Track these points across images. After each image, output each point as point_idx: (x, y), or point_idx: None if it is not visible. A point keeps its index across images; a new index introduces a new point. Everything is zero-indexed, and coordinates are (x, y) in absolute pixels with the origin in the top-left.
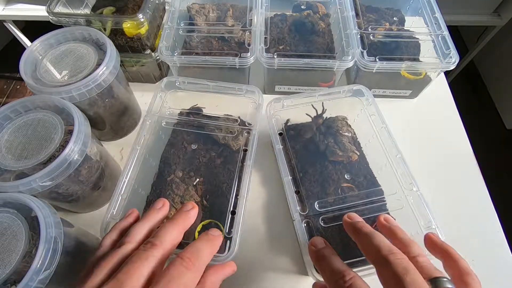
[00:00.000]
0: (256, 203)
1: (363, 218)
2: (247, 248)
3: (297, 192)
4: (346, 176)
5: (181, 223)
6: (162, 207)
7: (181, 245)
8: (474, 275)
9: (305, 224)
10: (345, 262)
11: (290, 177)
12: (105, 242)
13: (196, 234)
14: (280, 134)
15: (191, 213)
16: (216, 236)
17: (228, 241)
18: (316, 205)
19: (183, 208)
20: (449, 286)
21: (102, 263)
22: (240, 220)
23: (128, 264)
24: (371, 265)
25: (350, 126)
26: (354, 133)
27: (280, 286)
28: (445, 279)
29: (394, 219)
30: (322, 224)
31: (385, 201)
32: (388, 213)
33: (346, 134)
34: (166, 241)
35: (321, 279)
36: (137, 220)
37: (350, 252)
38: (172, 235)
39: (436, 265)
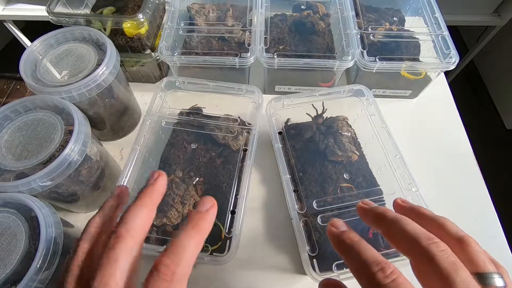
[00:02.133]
0: (255, 202)
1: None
2: (245, 246)
3: (296, 191)
4: (345, 176)
5: (148, 201)
6: (158, 178)
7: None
8: (471, 240)
9: (303, 223)
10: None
11: (288, 176)
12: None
13: None
14: (280, 133)
15: (159, 183)
16: (205, 214)
17: (228, 241)
18: (314, 204)
19: (149, 180)
20: (500, 285)
21: (71, 265)
22: (240, 219)
23: (98, 274)
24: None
25: (350, 126)
26: (355, 133)
27: (278, 285)
28: (496, 275)
29: None
30: (320, 223)
31: (384, 201)
32: None
33: (346, 134)
34: (135, 228)
35: (320, 278)
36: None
37: None
38: (141, 218)
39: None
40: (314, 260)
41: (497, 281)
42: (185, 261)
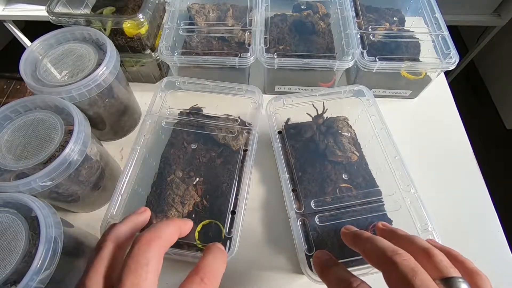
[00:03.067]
0: (255, 202)
1: (360, 219)
2: (245, 246)
3: (294, 190)
4: (344, 176)
5: (178, 222)
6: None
7: (177, 244)
8: (483, 276)
9: (300, 222)
10: (341, 261)
11: (287, 175)
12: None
13: (196, 234)
14: (280, 132)
15: (187, 226)
16: (224, 251)
17: (228, 241)
18: (313, 204)
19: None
20: (464, 286)
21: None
22: (240, 220)
23: (129, 275)
24: (368, 265)
25: (350, 126)
26: (355, 134)
27: (275, 285)
28: (459, 279)
29: (391, 221)
30: (318, 222)
31: (382, 202)
32: (385, 214)
33: (346, 134)
34: (165, 234)
35: (317, 278)
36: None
37: (346, 251)
38: (171, 229)
39: None
40: (311, 259)
41: (461, 285)
42: (217, 280)
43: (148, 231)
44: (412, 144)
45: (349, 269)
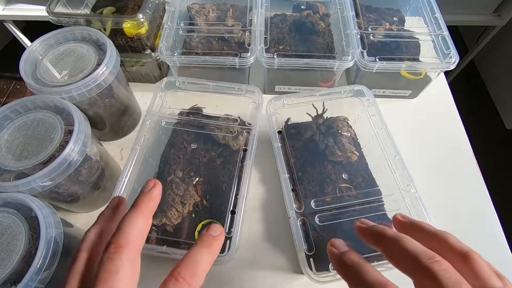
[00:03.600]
0: (255, 202)
1: (360, 218)
2: (244, 246)
3: (294, 190)
4: (344, 176)
5: (144, 208)
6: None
7: (177, 244)
8: (475, 255)
9: (300, 222)
10: None
11: (287, 175)
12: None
13: (196, 234)
14: (279, 132)
15: (155, 191)
16: (217, 238)
17: (228, 241)
18: (313, 204)
19: (144, 188)
20: None
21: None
22: (240, 219)
23: (99, 287)
24: (377, 263)
25: (351, 126)
26: (355, 134)
27: (275, 284)
28: None
29: (391, 221)
30: (318, 222)
31: (382, 201)
32: (385, 214)
33: (346, 134)
34: (133, 237)
35: (317, 278)
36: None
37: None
38: (138, 226)
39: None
40: (311, 259)
41: None
42: (200, 276)
43: (115, 236)
44: (412, 144)
45: None
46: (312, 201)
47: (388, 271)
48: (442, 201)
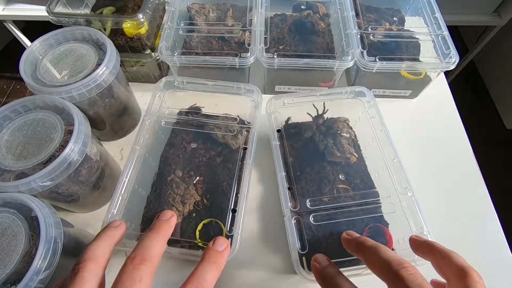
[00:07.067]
0: (254, 201)
1: (356, 219)
2: (242, 245)
3: (290, 189)
4: (342, 177)
5: (163, 232)
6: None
7: (178, 243)
8: (475, 273)
9: (295, 221)
10: (334, 260)
11: (284, 173)
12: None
13: (197, 233)
14: (278, 131)
15: (172, 222)
16: (222, 253)
17: (230, 239)
18: (308, 203)
19: (162, 217)
20: None
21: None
22: (241, 218)
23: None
24: (363, 266)
25: (351, 128)
26: (355, 135)
27: (271, 283)
28: None
29: (388, 223)
30: (312, 221)
31: (379, 203)
32: (382, 216)
33: (345, 135)
34: (155, 254)
35: (309, 277)
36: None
37: (340, 251)
38: (159, 246)
39: None
40: (304, 258)
41: None
42: None
43: (139, 250)
44: (412, 144)
45: (343, 269)
46: (307, 200)
47: (362, 276)
48: (442, 201)
